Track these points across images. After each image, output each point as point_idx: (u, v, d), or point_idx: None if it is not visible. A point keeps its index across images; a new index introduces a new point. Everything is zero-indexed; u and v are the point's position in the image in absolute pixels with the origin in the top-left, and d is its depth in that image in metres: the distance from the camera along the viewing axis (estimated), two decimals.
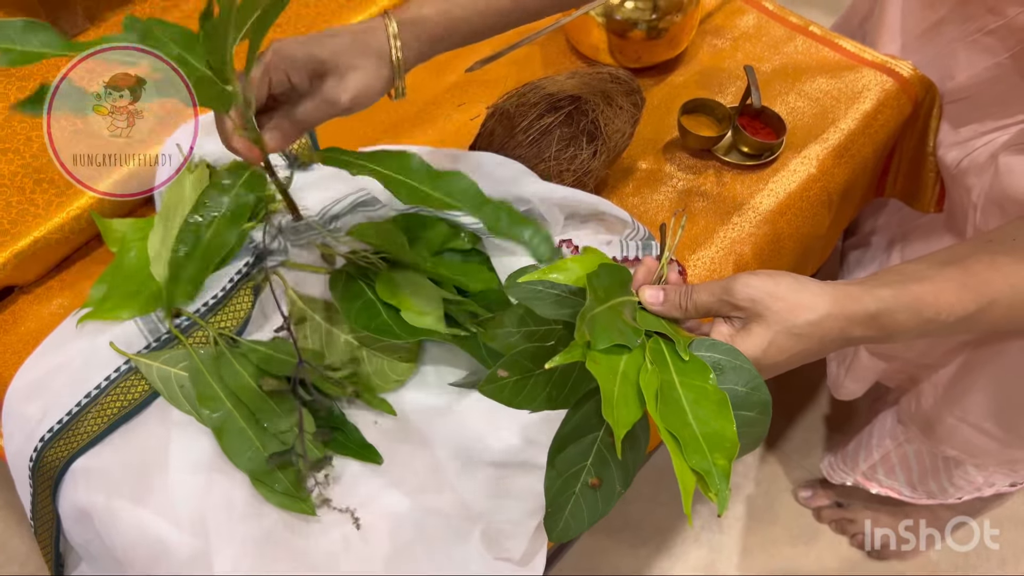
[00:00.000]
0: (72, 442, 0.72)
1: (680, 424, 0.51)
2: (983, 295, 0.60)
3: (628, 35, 1.00)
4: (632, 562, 1.30)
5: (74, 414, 0.73)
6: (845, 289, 0.57)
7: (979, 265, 0.61)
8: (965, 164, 1.01)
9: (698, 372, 0.53)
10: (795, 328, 0.56)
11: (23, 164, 0.85)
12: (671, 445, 0.50)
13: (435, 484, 0.73)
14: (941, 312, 0.59)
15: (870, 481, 1.24)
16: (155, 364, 0.75)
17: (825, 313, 0.56)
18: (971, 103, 1.03)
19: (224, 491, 0.71)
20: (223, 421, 0.72)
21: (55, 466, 0.72)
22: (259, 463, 0.71)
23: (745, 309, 0.56)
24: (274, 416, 0.72)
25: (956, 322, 0.60)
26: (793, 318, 0.55)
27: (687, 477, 0.49)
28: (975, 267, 0.61)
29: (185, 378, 0.74)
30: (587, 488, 0.55)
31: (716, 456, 0.49)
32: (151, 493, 0.71)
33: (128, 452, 0.73)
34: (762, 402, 0.54)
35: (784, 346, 0.56)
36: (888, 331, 0.58)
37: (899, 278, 0.60)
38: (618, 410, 0.49)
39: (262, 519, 0.71)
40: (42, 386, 0.75)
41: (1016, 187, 0.92)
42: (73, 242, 0.85)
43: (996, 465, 1.07)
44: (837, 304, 0.56)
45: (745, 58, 1.07)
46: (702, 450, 0.50)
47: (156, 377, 0.74)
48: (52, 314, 0.83)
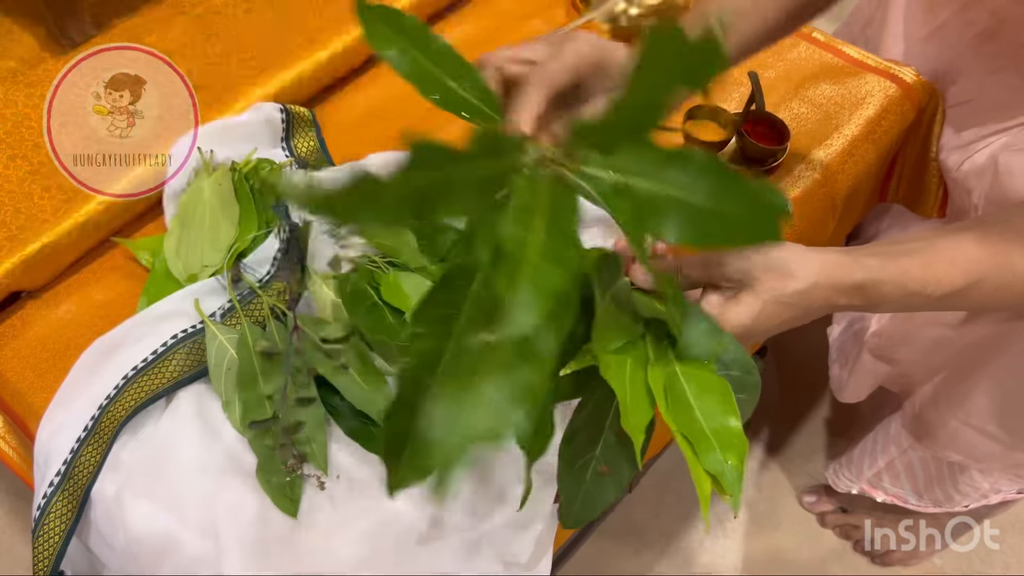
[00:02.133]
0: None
1: (688, 420, 0.51)
2: (971, 273, 0.61)
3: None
4: (636, 566, 1.30)
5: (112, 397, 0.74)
6: (834, 258, 0.59)
7: (969, 243, 0.62)
8: (966, 167, 1.02)
9: (698, 359, 0.54)
10: (783, 297, 0.57)
11: (31, 170, 0.86)
12: (687, 450, 0.50)
13: None
14: (927, 286, 0.60)
15: (875, 489, 1.24)
16: (220, 337, 0.76)
17: (812, 283, 0.57)
18: (973, 107, 1.03)
19: (235, 493, 0.72)
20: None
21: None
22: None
23: (736, 281, 0.57)
24: (261, 380, 0.74)
25: (942, 297, 0.61)
26: (782, 288, 0.57)
27: (703, 481, 0.50)
28: (965, 245, 0.62)
29: (235, 360, 0.75)
30: (597, 476, 0.56)
31: (728, 456, 0.50)
32: (161, 489, 0.72)
33: (138, 447, 0.74)
34: (753, 384, 0.55)
35: (772, 314, 0.58)
36: (873, 301, 0.60)
37: (889, 250, 0.61)
38: (633, 416, 0.50)
39: (270, 523, 0.71)
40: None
41: (1016, 188, 0.92)
42: (81, 247, 0.86)
43: (1001, 470, 1.07)
44: (824, 273, 0.58)
45: (749, 64, 1.08)
46: (713, 449, 0.50)
47: (215, 349, 0.76)
48: (60, 319, 0.83)
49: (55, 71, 0.93)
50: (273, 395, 0.73)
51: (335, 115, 1.00)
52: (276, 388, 0.73)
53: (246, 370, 0.75)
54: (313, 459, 0.73)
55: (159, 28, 0.97)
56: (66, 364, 0.77)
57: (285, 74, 0.95)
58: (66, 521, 0.72)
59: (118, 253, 0.88)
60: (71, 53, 0.94)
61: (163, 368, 0.75)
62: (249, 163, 0.87)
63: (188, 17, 0.98)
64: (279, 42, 0.97)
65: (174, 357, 0.76)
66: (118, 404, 0.74)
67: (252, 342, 0.75)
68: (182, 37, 0.96)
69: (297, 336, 0.74)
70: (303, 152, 0.93)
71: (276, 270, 0.79)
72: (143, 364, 0.75)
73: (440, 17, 1.10)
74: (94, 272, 0.87)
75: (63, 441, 0.73)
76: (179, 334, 0.77)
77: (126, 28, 0.97)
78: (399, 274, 0.78)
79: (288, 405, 0.72)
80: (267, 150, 0.91)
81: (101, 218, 0.85)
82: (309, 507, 0.72)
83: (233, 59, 0.95)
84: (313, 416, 0.74)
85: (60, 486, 0.72)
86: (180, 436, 0.74)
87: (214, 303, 0.79)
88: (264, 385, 0.74)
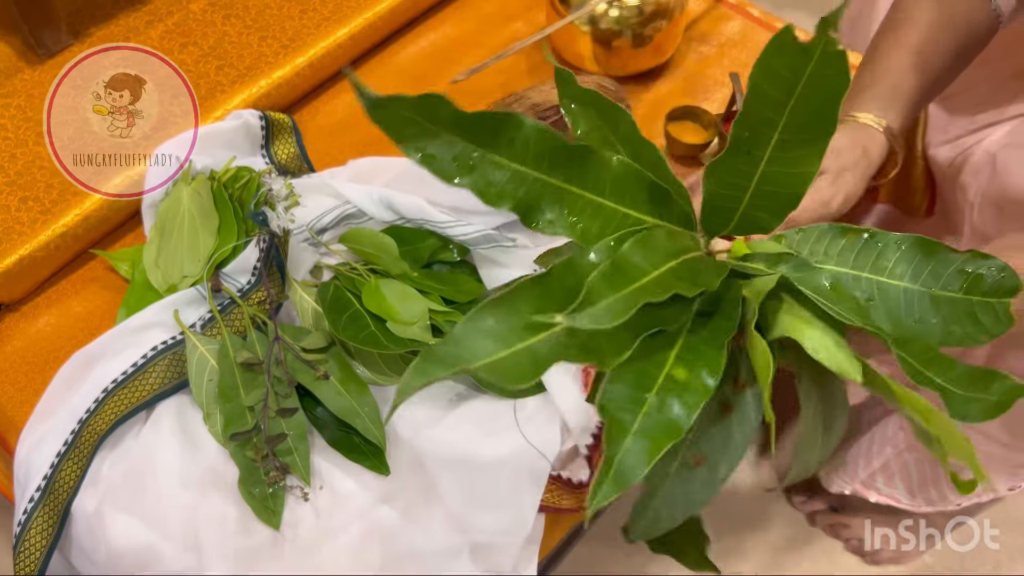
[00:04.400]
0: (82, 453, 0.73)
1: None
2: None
3: (613, 43, 1.00)
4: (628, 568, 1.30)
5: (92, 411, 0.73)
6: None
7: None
8: (959, 162, 1.01)
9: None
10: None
11: (8, 182, 0.85)
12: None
13: (425, 498, 0.73)
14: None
15: (868, 490, 1.23)
16: (201, 348, 0.76)
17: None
18: (961, 100, 1.03)
19: (217, 506, 0.71)
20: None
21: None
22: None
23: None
24: (242, 391, 0.73)
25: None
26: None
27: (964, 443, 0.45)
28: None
29: (216, 371, 0.75)
30: (687, 468, 0.48)
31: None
32: (142, 503, 0.71)
33: (117, 461, 0.73)
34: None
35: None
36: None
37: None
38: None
39: (253, 535, 0.70)
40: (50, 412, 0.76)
41: (1015, 186, 0.92)
42: (58, 259, 0.85)
43: (998, 471, 1.07)
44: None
45: (731, 64, 1.07)
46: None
47: (195, 361, 0.75)
48: (39, 332, 0.83)
49: (32, 81, 0.92)
50: (255, 406, 0.73)
51: (315, 120, 0.99)
52: (257, 399, 0.73)
53: (227, 381, 0.74)
54: (296, 469, 0.73)
55: (136, 36, 0.96)
56: (46, 377, 0.77)
57: (263, 80, 0.94)
58: (47, 537, 0.71)
59: (97, 264, 0.87)
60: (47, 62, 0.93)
61: (143, 381, 0.75)
62: (228, 171, 0.86)
63: (165, 24, 0.97)
64: (257, 48, 0.96)
65: (154, 369, 0.75)
66: (98, 418, 0.73)
67: (233, 353, 0.74)
68: (159, 44, 0.95)
69: (278, 346, 0.74)
70: (283, 158, 0.92)
71: (256, 279, 0.78)
72: (123, 377, 0.74)
73: (421, 20, 1.09)
74: (73, 284, 0.86)
75: (43, 456, 0.72)
76: (159, 346, 0.76)
77: (102, 36, 0.96)
78: (380, 281, 0.77)
79: (269, 416, 0.72)
80: (247, 157, 0.90)
81: (79, 229, 0.84)
82: (292, 518, 0.72)
83: (211, 66, 0.95)
84: (295, 426, 0.73)
85: (41, 501, 0.71)
86: (161, 449, 0.73)
87: (194, 313, 0.78)
88: (245, 396, 0.73)
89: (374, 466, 0.74)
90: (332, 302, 0.76)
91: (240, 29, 0.98)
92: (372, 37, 1.04)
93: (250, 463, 0.72)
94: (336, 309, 0.76)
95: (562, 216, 0.49)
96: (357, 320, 0.75)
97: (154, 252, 0.83)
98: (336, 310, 0.76)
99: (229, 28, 0.98)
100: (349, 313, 0.76)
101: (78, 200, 0.84)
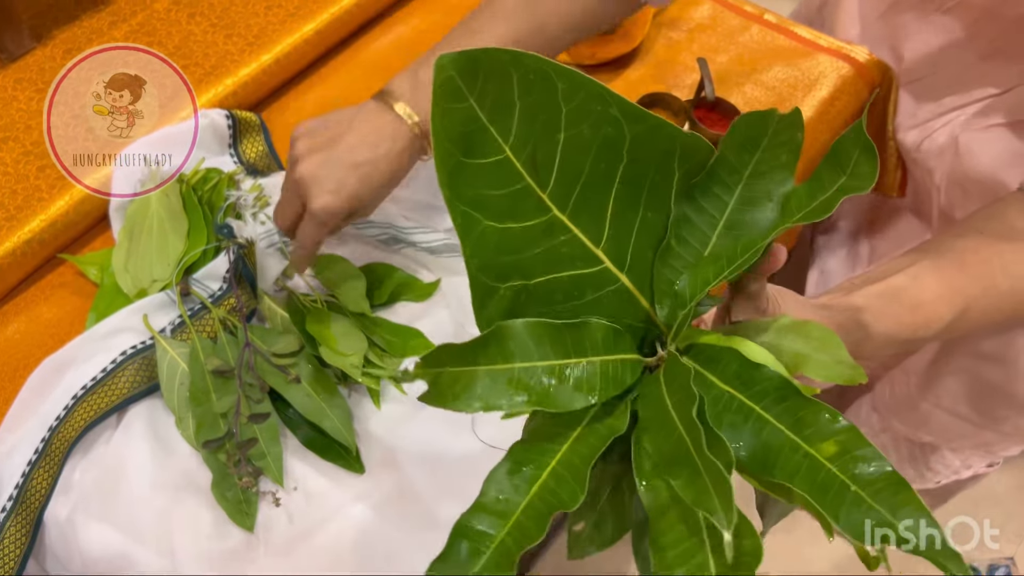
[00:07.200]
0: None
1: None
2: (956, 305, 0.63)
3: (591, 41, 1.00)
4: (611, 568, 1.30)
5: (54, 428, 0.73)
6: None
7: (951, 271, 0.64)
8: (926, 146, 1.01)
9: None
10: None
11: None
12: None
13: (400, 495, 0.73)
14: (918, 331, 0.61)
15: None
16: (172, 352, 0.75)
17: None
18: (928, 83, 1.03)
19: (190, 509, 0.71)
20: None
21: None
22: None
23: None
24: (214, 395, 0.73)
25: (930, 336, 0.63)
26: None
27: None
28: (942, 277, 0.64)
29: (187, 375, 0.74)
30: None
31: None
32: (114, 509, 0.71)
33: (89, 467, 0.73)
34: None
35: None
36: (865, 355, 0.61)
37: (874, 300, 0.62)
38: None
39: (227, 538, 0.70)
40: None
41: (976, 168, 0.92)
42: (26, 266, 0.84)
43: (972, 448, 1.08)
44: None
45: (701, 50, 1.07)
46: None
47: (166, 365, 0.75)
48: (8, 339, 0.82)
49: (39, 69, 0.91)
50: (227, 412, 0.73)
51: (284, 117, 0.98)
52: (229, 405, 0.72)
53: (199, 385, 0.74)
54: (269, 472, 0.72)
55: (99, 37, 0.95)
56: (15, 385, 0.76)
57: (230, 79, 0.93)
58: (20, 546, 0.71)
59: (66, 269, 0.86)
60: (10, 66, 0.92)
61: (113, 385, 0.74)
62: (197, 173, 0.85)
63: (129, 25, 0.96)
64: (223, 47, 0.96)
65: (124, 373, 0.75)
66: (68, 424, 0.73)
67: (204, 358, 0.74)
68: None
69: (249, 352, 0.73)
70: (251, 157, 0.92)
71: (227, 287, 0.78)
72: (92, 383, 0.74)
73: (388, 13, 1.08)
74: (42, 290, 0.85)
75: (14, 464, 0.71)
76: (128, 350, 0.75)
77: (66, 39, 0.95)
78: (332, 314, 0.78)
79: (241, 422, 0.72)
80: (215, 157, 0.89)
81: (46, 235, 0.83)
82: (266, 520, 0.72)
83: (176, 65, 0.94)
84: (267, 429, 0.73)
85: (13, 511, 0.71)
86: (133, 453, 0.73)
87: (164, 318, 0.78)
88: (217, 402, 0.73)
89: (348, 465, 0.74)
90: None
91: (205, 27, 0.98)
92: (339, 32, 1.03)
93: (223, 467, 0.72)
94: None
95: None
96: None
97: (123, 256, 0.82)
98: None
99: (194, 27, 0.98)
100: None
101: (43, 205, 0.83)
